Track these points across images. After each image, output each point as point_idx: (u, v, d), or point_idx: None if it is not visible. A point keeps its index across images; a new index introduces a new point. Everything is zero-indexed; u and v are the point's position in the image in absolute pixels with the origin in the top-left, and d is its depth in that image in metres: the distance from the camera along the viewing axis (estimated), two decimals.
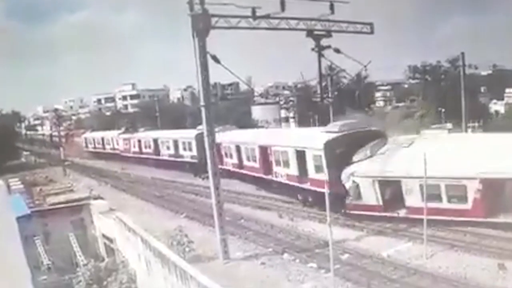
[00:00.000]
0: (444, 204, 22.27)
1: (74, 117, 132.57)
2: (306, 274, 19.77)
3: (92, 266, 26.82)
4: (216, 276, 17.91)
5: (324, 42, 31.09)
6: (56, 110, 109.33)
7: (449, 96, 55.32)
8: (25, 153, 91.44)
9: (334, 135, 28.28)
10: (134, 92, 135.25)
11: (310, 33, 29.46)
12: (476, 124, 53.67)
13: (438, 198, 22.29)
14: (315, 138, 29.40)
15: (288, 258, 21.80)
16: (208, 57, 21.79)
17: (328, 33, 29.67)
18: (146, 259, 23.04)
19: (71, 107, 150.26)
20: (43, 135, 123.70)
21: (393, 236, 22.84)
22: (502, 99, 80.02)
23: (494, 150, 22.42)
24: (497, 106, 74.40)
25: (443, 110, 60.07)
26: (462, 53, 39.47)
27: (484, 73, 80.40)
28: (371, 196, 24.92)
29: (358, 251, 21.54)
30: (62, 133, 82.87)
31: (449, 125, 52.11)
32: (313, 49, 32.05)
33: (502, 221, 20.74)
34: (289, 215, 28.42)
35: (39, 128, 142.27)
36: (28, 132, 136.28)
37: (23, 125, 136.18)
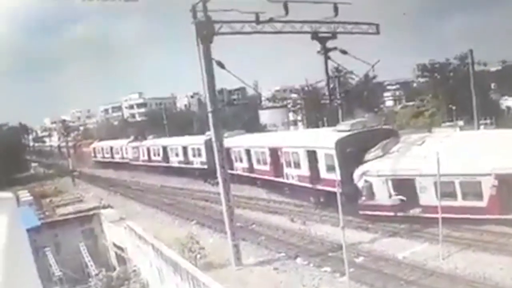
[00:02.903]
0: (459, 202, 21.80)
1: (81, 128, 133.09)
2: (321, 278, 19.42)
3: (103, 276, 26.78)
4: (229, 283, 18.04)
5: (329, 44, 31.01)
6: (63, 121, 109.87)
7: (459, 93, 54.62)
8: (33, 164, 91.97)
9: (346, 133, 28.04)
10: (141, 101, 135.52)
11: (315, 35, 29.40)
12: (488, 121, 52.99)
13: (453, 195, 21.84)
14: (326, 138, 29.17)
15: (301, 262, 21.44)
16: (214, 63, 21.73)
17: (333, 35, 29.61)
18: (157, 267, 22.87)
19: (79, 118, 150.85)
20: (51, 146, 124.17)
21: (408, 237, 22.39)
22: None
23: (508, 146, 21.98)
24: (508, 102, 72.93)
25: (453, 107, 59.48)
26: (471, 50, 39.05)
27: (493, 69, 79.39)
28: (384, 195, 24.52)
29: (373, 253, 21.15)
30: (70, 144, 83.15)
31: (460, 123, 51.64)
32: (318, 52, 31.96)
33: None
34: (301, 218, 28.04)
35: (46, 139, 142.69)
36: (36, 144, 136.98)
37: (30, 137, 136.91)
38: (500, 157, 21.23)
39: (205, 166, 46.04)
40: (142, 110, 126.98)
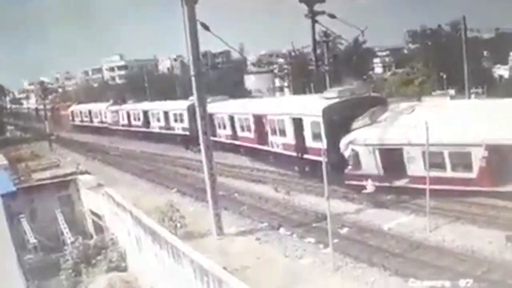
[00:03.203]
0: (448, 173, 21.31)
1: (60, 90, 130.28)
2: (304, 249, 18.94)
3: (80, 244, 26.31)
4: (210, 253, 17.18)
5: (318, 7, 30.10)
6: (42, 82, 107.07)
7: (450, 61, 53.87)
8: (9, 127, 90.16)
9: (333, 101, 27.21)
10: (122, 63, 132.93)
11: None
12: (480, 90, 52.52)
13: (442, 166, 21.30)
14: (312, 105, 28.32)
15: (284, 233, 20.88)
16: (198, 25, 20.77)
17: None
18: (136, 236, 22.30)
19: (57, 79, 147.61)
20: (28, 108, 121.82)
21: (394, 209, 21.87)
22: (506, 64, 77.07)
23: (500, 116, 21.27)
24: (501, 71, 72.07)
25: (444, 76, 58.88)
26: (463, 16, 38.14)
27: (486, 36, 78.66)
28: (371, 165, 23.92)
29: (358, 224, 20.65)
30: (48, 107, 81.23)
31: (451, 91, 51.16)
32: (306, 15, 31.05)
33: (510, 190, 19.70)
34: (285, 188, 27.40)
35: (24, 101, 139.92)
36: (13, 106, 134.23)
37: (7, 98, 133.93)
38: (491, 127, 20.59)
39: (187, 132, 45.20)
40: (123, 72, 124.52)
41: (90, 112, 74.70)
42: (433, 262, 16.16)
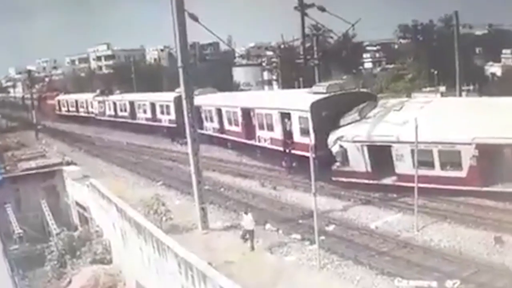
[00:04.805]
0: (437, 172, 21.16)
1: (47, 79, 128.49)
2: (290, 246, 18.71)
3: (65, 235, 26.28)
4: (194, 247, 16.98)
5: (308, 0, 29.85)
6: (29, 71, 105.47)
7: (442, 57, 53.30)
8: None
9: (321, 96, 26.91)
10: (109, 53, 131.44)
11: None
12: (471, 87, 52.17)
13: (431, 165, 21.16)
14: (301, 100, 28.03)
15: (270, 228, 20.62)
16: (186, 15, 20.41)
17: None
18: (121, 229, 22.06)
19: (44, 68, 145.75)
20: (15, 97, 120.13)
21: (382, 206, 21.73)
22: (499, 61, 75.78)
23: (491, 115, 21.15)
24: (493, 68, 71.14)
25: (435, 72, 58.43)
26: (456, 12, 37.72)
27: (479, 33, 77.86)
28: (359, 162, 23.74)
29: (344, 222, 20.50)
30: (35, 96, 79.97)
31: (442, 88, 50.90)
32: (296, 8, 30.76)
33: (500, 190, 19.69)
34: (272, 183, 27.16)
35: (11, 90, 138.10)
36: (0, 95, 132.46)
37: None
38: (482, 126, 20.42)
39: (174, 125, 44.66)
40: (110, 62, 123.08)
41: (76, 102, 73.72)
42: (420, 262, 16.03)
